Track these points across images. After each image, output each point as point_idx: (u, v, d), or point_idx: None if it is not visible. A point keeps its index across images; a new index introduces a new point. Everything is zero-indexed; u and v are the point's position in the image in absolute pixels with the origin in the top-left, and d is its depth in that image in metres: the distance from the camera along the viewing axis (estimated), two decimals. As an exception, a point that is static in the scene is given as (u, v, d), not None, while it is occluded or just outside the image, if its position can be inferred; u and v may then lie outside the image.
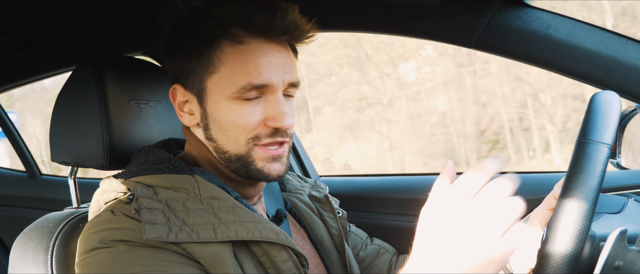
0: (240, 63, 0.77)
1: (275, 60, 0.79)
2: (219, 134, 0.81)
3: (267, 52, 0.78)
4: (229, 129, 0.80)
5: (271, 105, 0.79)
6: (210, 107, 0.80)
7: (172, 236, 0.70)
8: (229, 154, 0.82)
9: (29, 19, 1.10)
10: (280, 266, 0.77)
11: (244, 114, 0.78)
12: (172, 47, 0.83)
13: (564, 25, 0.96)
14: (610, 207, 0.90)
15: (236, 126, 0.79)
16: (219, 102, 0.79)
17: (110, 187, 0.80)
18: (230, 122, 0.79)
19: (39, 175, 2.21)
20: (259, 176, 0.82)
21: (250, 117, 0.79)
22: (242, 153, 0.80)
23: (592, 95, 0.67)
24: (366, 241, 1.17)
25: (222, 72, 0.78)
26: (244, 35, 0.77)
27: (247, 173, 0.82)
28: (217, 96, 0.79)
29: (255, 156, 0.81)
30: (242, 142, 0.80)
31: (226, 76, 0.78)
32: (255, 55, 0.77)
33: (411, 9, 1.03)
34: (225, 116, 0.79)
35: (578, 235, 0.59)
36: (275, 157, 0.82)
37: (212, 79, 0.79)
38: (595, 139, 0.61)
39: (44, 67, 1.45)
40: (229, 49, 0.77)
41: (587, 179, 0.59)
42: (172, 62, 0.84)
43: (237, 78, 0.77)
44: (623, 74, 0.92)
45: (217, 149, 0.83)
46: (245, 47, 0.77)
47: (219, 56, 0.78)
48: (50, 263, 0.88)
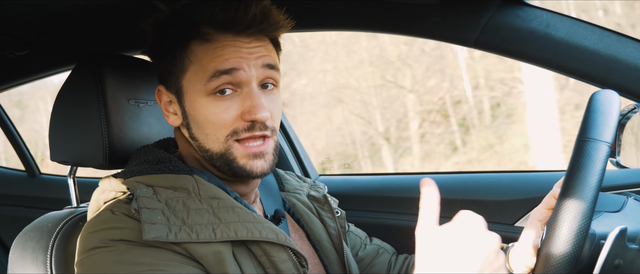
0: (208, 56, 0.78)
1: (245, 50, 0.79)
2: (198, 133, 0.82)
3: (235, 44, 0.78)
4: (207, 127, 0.80)
5: (246, 98, 0.79)
6: (188, 107, 0.81)
7: (172, 236, 0.70)
8: (210, 152, 0.82)
9: (28, 18, 1.10)
10: (279, 266, 0.77)
11: (218, 111, 0.79)
12: (154, 50, 0.85)
13: (563, 24, 0.96)
14: (609, 206, 0.90)
15: (212, 123, 0.79)
16: (195, 100, 0.80)
17: (109, 186, 0.80)
18: (206, 120, 0.80)
19: (38, 174, 2.20)
20: (242, 173, 0.81)
21: (226, 113, 0.78)
22: (223, 150, 0.80)
23: (592, 94, 0.67)
24: (365, 241, 1.17)
25: (192, 69, 0.79)
26: (212, 33, 0.78)
27: (230, 171, 0.82)
28: (192, 94, 0.80)
29: (236, 154, 0.80)
30: (221, 140, 0.80)
31: (196, 71, 0.79)
32: (222, 48, 0.78)
33: (410, 8, 1.03)
34: (201, 113, 0.80)
35: (578, 234, 0.59)
36: (257, 154, 0.81)
37: (185, 78, 0.80)
38: (595, 138, 0.61)
39: (44, 66, 1.45)
40: (198, 47, 0.79)
41: (586, 177, 0.59)
42: (156, 65, 0.86)
43: (205, 69, 0.77)
44: (622, 73, 0.92)
45: (199, 148, 0.83)
46: (213, 44, 0.78)
47: (189, 56, 0.79)
48: (49, 263, 0.88)
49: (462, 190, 1.33)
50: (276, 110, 0.83)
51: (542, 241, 0.63)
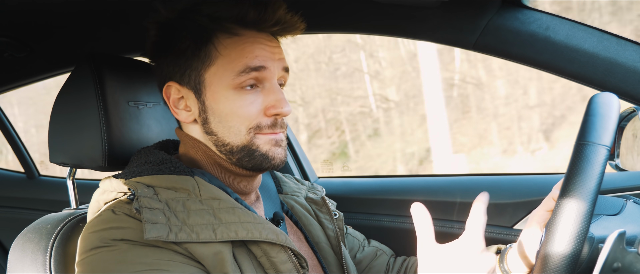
0: (236, 51, 0.80)
1: (268, 47, 0.82)
2: (219, 127, 0.82)
3: (261, 41, 0.82)
4: (230, 120, 0.81)
5: (269, 93, 0.82)
6: (209, 100, 0.82)
7: (172, 236, 0.70)
8: (230, 145, 0.82)
9: (27, 20, 1.10)
10: (279, 267, 0.78)
11: (244, 104, 0.80)
12: (162, 49, 0.85)
13: (562, 27, 0.96)
14: (609, 209, 0.90)
15: (237, 116, 0.81)
16: (219, 93, 0.80)
17: (110, 187, 0.80)
18: (231, 113, 0.81)
19: (38, 176, 2.20)
20: (264, 162, 0.83)
21: (251, 107, 0.81)
22: (245, 143, 0.82)
23: (591, 97, 0.67)
24: (363, 243, 1.17)
25: (220, 62, 0.80)
26: (238, 28, 0.81)
27: (251, 162, 0.83)
28: (217, 86, 0.80)
29: (258, 143, 0.82)
30: (244, 132, 0.81)
31: (224, 65, 0.80)
32: (250, 43, 0.81)
33: (409, 11, 1.03)
34: (226, 106, 0.81)
35: (577, 236, 0.59)
36: (278, 141, 0.84)
37: (210, 71, 0.81)
38: (594, 141, 0.61)
39: (43, 68, 1.45)
40: (226, 40, 0.80)
41: (585, 180, 0.59)
42: (163, 63, 0.85)
43: (235, 64, 0.79)
44: (622, 76, 0.92)
45: (217, 142, 0.83)
46: (241, 37, 0.81)
47: (217, 47, 0.80)
48: (48, 264, 0.88)
49: (461, 192, 1.33)
50: None
51: (541, 244, 0.63)
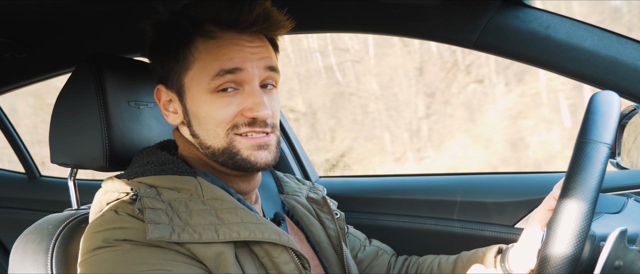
0: (212, 55, 0.79)
1: (247, 48, 0.80)
2: (199, 130, 0.82)
3: (239, 42, 0.80)
4: (208, 123, 0.81)
5: (248, 96, 0.80)
6: (189, 104, 0.82)
7: (175, 236, 0.70)
8: (212, 148, 0.82)
9: (28, 20, 1.10)
10: (282, 267, 0.78)
11: (219, 106, 0.79)
12: (155, 51, 0.85)
13: (563, 26, 0.96)
14: (610, 207, 0.90)
15: (213, 118, 0.80)
16: (197, 96, 0.80)
17: (112, 187, 0.80)
18: (208, 116, 0.80)
19: (39, 177, 2.20)
20: (246, 165, 0.81)
21: (227, 109, 0.79)
22: (225, 145, 0.81)
23: (592, 95, 0.67)
24: (365, 243, 1.17)
25: (196, 66, 0.79)
26: (216, 30, 0.79)
27: (234, 164, 0.82)
28: (194, 91, 0.80)
29: (239, 146, 0.81)
30: (222, 135, 0.80)
31: (200, 69, 0.79)
32: (226, 45, 0.79)
33: (410, 10, 1.03)
34: (203, 109, 0.80)
35: (578, 235, 0.59)
36: (261, 144, 0.81)
37: (188, 75, 0.80)
38: (595, 139, 0.61)
39: (44, 68, 1.45)
40: (202, 44, 0.79)
41: (586, 178, 0.59)
42: (155, 65, 0.86)
43: (210, 68, 0.78)
44: (622, 74, 0.92)
45: (201, 145, 0.83)
46: (217, 41, 0.79)
47: (193, 52, 0.80)
48: (50, 265, 0.88)
49: (462, 191, 1.33)
50: (276, 108, 0.84)
51: (542, 243, 0.63)
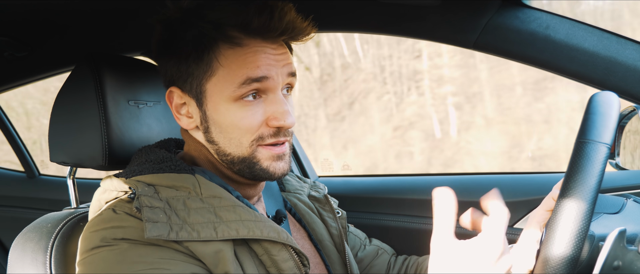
0: (238, 64, 0.76)
1: (272, 56, 0.78)
2: (220, 137, 0.81)
3: (265, 50, 0.78)
4: (231, 132, 0.79)
5: (272, 104, 0.79)
6: (210, 110, 0.80)
7: (173, 235, 0.69)
8: (231, 156, 0.81)
9: (27, 19, 1.10)
10: (281, 265, 0.77)
11: (245, 116, 0.78)
12: (165, 49, 0.82)
13: (562, 26, 0.96)
14: (609, 207, 0.90)
15: (238, 128, 0.79)
16: (219, 104, 0.78)
17: (111, 186, 0.80)
18: (232, 125, 0.79)
19: (38, 175, 2.20)
20: (263, 175, 0.81)
21: (252, 118, 0.78)
22: (246, 155, 0.80)
23: (591, 95, 0.67)
24: (365, 242, 1.17)
25: (221, 73, 0.77)
26: (241, 37, 0.77)
27: (251, 174, 0.81)
28: (217, 98, 0.78)
29: (259, 157, 0.80)
30: (246, 145, 0.79)
31: (225, 76, 0.77)
32: (253, 54, 0.76)
33: (410, 10, 1.03)
34: (226, 118, 0.79)
35: (577, 235, 0.59)
36: (280, 155, 0.82)
37: (211, 82, 0.78)
38: (594, 139, 0.61)
39: (43, 67, 1.45)
40: (228, 51, 0.77)
41: (586, 179, 0.59)
42: (166, 65, 0.83)
43: (236, 76, 0.76)
44: (622, 75, 0.92)
45: (218, 152, 0.82)
46: (244, 48, 0.77)
47: (218, 59, 0.77)
48: (49, 263, 0.88)
49: (460, 192, 1.33)
50: (294, 113, 0.84)
51: (541, 243, 0.63)
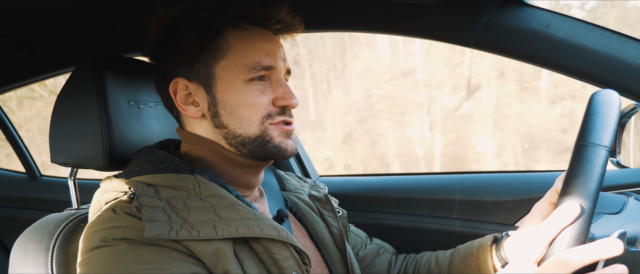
0: (247, 46, 0.82)
1: (276, 46, 0.86)
2: (230, 119, 0.83)
3: (267, 39, 0.85)
4: (242, 111, 0.83)
5: (277, 86, 0.85)
6: (220, 92, 0.83)
7: (173, 234, 0.70)
8: (242, 137, 0.84)
9: (28, 20, 1.10)
10: (281, 263, 0.78)
11: (255, 95, 0.83)
12: (166, 46, 0.85)
13: (563, 24, 0.95)
14: (610, 207, 0.90)
15: (250, 106, 0.82)
16: (230, 85, 0.82)
17: (110, 187, 0.80)
18: (243, 104, 0.82)
19: (39, 176, 2.21)
20: (277, 152, 0.85)
21: (262, 97, 0.83)
22: (259, 133, 0.84)
23: (592, 94, 0.67)
24: (366, 241, 1.17)
25: (232, 55, 0.82)
26: (244, 24, 0.84)
27: (264, 152, 0.85)
28: (228, 79, 0.82)
29: (272, 134, 0.84)
30: (257, 123, 0.83)
31: (235, 58, 0.82)
32: (260, 40, 0.84)
33: (410, 9, 1.03)
34: (237, 98, 0.82)
35: (577, 240, 0.59)
36: (289, 133, 0.87)
37: (221, 64, 0.82)
38: (594, 142, 0.60)
39: (44, 68, 1.45)
40: (235, 33, 0.83)
41: (585, 182, 0.59)
42: (167, 61, 0.86)
43: (247, 59, 0.82)
44: (623, 73, 0.92)
45: (228, 135, 0.84)
46: (250, 32, 0.84)
47: (228, 40, 0.83)
48: (50, 264, 0.88)
49: (461, 190, 1.33)
50: None
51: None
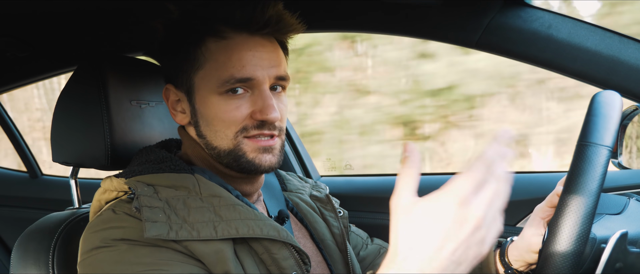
0: (224, 57, 0.78)
1: (259, 54, 0.80)
2: (207, 130, 0.82)
3: (251, 47, 0.79)
4: (216, 125, 0.81)
5: (257, 99, 0.80)
6: (198, 104, 0.82)
7: (173, 234, 0.70)
8: (218, 149, 0.82)
9: (29, 19, 1.10)
10: (281, 263, 0.78)
11: (229, 109, 0.79)
12: (165, 49, 0.85)
13: (565, 25, 0.95)
14: (611, 207, 0.90)
15: (222, 121, 0.80)
16: (206, 97, 0.80)
17: (111, 186, 0.80)
18: (216, 118, 0.80)
19: (40, 175, 2.21)
20: (250, 167, 0.81)
21: (237, 111, 0.79)
22: (232, 147, 0.81)
23: (593, 95, 0.67)
24: (367, 241, 1.17)
25: (207, 67, 0.79)
26: (227, 31, 0.79)
27: (238, 166, 0.82)
28: (204, 91, 0.80)
29: (245, 149, 0.81)
30: (230, 137, 0.80)
31: (211, 70, 0.79)
32: (239, 50, 0.79)
33: (412, 9, 1.03)
34: (211, 111, 0.80)
35: (578, 239, 0.59)
36: (266, 147, 0.82)
37: (198, 75, 0.80)
38: (596, 142, 0.61)
39: (45, 67, 1.45)
40: (213, 44, 0.79)
41: (587, 182, 0.59)
42: (165, 64, 0.86)
43: (221, 71, 0.78)
44: (624, 74, 0.92)
45: (207, 146, 0.83)
46: (229, 42, 0.79)
47: (204, 52, 0.79)
48: (51, 263, 0.88)
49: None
50: (284, 111, 0.84)
51: (543, 242, 0.63)
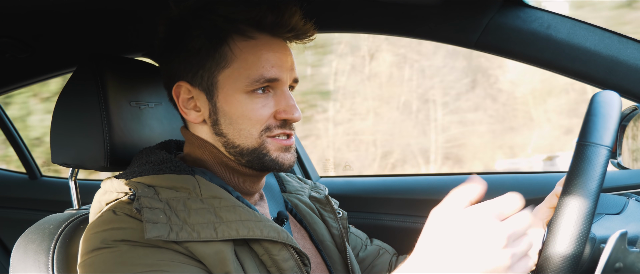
0: (253, 56, 0.80)
1: (283, 56, 0.83)
2: (229, 129, 0.83)
3: (276, 48, 0.82)
4: (241, 123, 0.82)
5: (281, 98, 0.83)
6: (221, 102, 0.82)
7: (173, 235, 0.70)
8: (240, 147, 0.83)
9: (29, 20, 1.10)
10: (281, 264, 0.78)
11: (255, 107, 0.81)
12: (173, 46, 0.84)
13: (564, 26, 0.96)
14: (610, 208, 0.90)
15: (249, 119, 0.81)
16: (231, 96, 0.81)
17: (111, 187, 0.80)
18: (242, 116, 0.81)
19: (40, 177, 2.21)
20: (273, 166, 0.84)
21: (263, 110, 0.82)
22: (256, 146, 0.83)
23: (592, 95, 0.67)
24: (366, 242, 1.17)
25: (235, 66, 0.81)
26: (252, 31, 0.81)
27: (261, 165, 0.84)
28: (230, 89, 0.81)
29: (269, 147, 0.83)
30: (255, 135, 0.82)
31: (239, 69, 0.80)
32: (267, 50, 0.81)
33: (411, 9, 1.03)
34: (237, 109, 0.81)
35: (578, 238, 0.59)
36: (287, 147, 0.85)
37: (224, 73, 0.81)
38: (595, 142, 0.61)
39: (45, 68, 1.45)
40: (242, 43, 0.81)
41: (586, 182, 0.59)
42: (173, 62, 0.85)
43: (250, 71, 0.80)
44: (623, 74, 0.92)
45: (227, 144, 0.84)
46: (257, 42, 0.81)
47: (232, 50, 0.80)
48: (51, 265, 0.88)
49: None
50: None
51: (543, 242, 0.63)
